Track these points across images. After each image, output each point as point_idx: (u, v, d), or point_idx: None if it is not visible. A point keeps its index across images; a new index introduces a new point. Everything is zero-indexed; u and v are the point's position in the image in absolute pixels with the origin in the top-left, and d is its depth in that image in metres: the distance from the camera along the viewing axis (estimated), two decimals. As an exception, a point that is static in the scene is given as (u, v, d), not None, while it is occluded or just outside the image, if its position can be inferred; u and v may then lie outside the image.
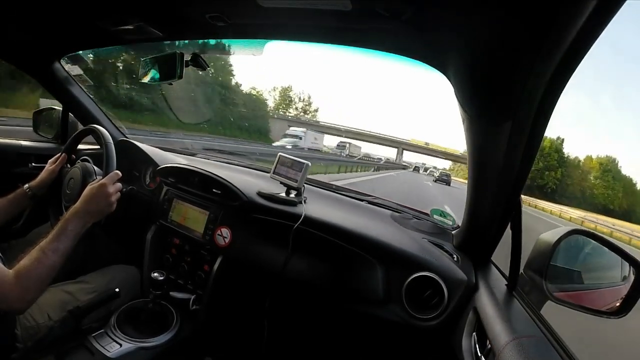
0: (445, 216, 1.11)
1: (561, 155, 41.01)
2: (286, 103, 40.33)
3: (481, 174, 0.71)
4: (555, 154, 39.79)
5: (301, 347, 1.18)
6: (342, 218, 1.02)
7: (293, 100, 40.67)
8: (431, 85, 25.66)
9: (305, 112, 41.10)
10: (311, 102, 42.00)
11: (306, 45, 0.84)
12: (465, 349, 0.69)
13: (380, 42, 0.72)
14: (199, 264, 1.08)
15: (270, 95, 39.59)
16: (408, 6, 0.55)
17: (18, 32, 0.99)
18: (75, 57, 1.21)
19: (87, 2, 0.80)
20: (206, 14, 0.74)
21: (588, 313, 0.67)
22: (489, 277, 0.82)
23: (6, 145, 1.30)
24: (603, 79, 66.35)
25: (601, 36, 0.38)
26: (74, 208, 0.80)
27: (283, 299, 1.06)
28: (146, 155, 1.27)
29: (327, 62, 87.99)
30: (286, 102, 40.28)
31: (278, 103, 39.67)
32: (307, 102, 41.61)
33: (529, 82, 0.46)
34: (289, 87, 41.03)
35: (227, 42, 0.94)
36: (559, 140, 41.48)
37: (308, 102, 41.57)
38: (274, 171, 1.12)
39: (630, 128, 70.77)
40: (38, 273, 0.69)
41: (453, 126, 5.03)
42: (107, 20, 0.85)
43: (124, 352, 0.83)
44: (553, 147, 39.74)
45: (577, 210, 23.38)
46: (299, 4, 0.63)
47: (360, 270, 0.92)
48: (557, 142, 40.96)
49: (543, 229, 0.76)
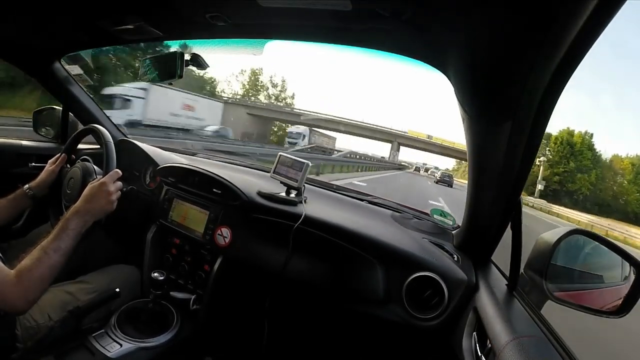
0: (445, 216, 1.11)
1: (595, 154, 31.74)
2: (256, 89, 35.43)
3: (481, 173, 0.71)
4: (589, 152, 31.07)
5: (301, 347, 1.18)
6: (342, 218, 1.02)
7: (264, 85, 35.68)
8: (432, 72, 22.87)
9: (278, 99, 35.94)
10: (286, 87, 36.43)
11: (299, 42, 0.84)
12: (466, 349, 0.69)
13: (380, 42, 0.72)
14: (199, 264, 1.08)
15: (237, 80, 35.26)
16: (408, 6, 0.55)
17: (18, 32, 0.99)
18: (75, 57, 1.21)
19: (87, 2, 0.80)
20: (206, 13, 0.74)
21: (588, 313, 0.67)
22: (489, 277, 0.82)
23: (6, 145, 1.30)
24: (603, 79, 66.23)
25: (601, 36, 0.38)
26: (75, 207, 0.80)
27: (283, 299, 1.06)
28: (146, 154, 1.27)
29: (315, 53, 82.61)
30: (256, 88, 35.36)
31: (247, 89, 35.04)
32: (282, 87, 36.08)
33: (529, 82, 0.46)
34: (259, 70, 35.48)
35: (227, 42, 0.94)
36: (588, 135, 31.88)
37: (282, 88, 36.11)
38: (274, 171, 1.12)
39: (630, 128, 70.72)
40: (39, 273, 0.69)
41: (458, 119, 4.59)
42: (107, 20, 0.85)
43: (124, 352, 0.82)
44: (585, 144, 31.09)
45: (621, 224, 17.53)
46: (299, 3, 0.63)
47: (361, 270, 0.92)
48: (587, 138, 31.60)
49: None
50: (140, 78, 1.01)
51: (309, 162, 1.09)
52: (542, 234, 0.74)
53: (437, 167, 34.74)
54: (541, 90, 0.46)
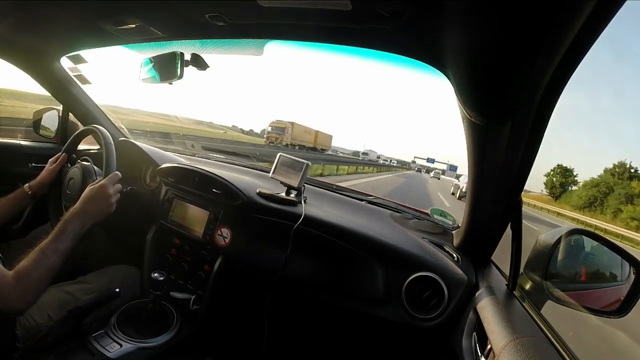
0: (445, 216, 1.11)
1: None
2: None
3: (481, 174, 0.71)
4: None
5: (301, 347, 1.18)
6: (342, 218, 1.02)
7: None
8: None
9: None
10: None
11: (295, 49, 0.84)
12: (466, 349, 0.69)
13: (380, 42, 0.72)
14: (199, 264, 1.08)
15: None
16: (408, 6, 0.55)
17: (18, 32, 0.99)
18: (75, 57, 1.21)
19: (88, 2, 0.80)
20: (206, 13, 0.74)
21: (588, 313, 0.68)
22: (489, 277, 0.82)
23: (6, 145, 1.30)
24: (603, 79, 65.99)
25: (601, 36, 0.38)
26: (74, 209, 0.80)
27: (283, 299, 1.06)
28: (146, 155, 1.27)
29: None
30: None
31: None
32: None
33: (529, 82, 0.46)
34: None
35: (227, 42, 0.94)
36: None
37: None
38: (274, 171, 1.12)
39: (630, 128, 70.03)
40: (38, 274, 0.69)
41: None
42: (107, 21, 0.85)
43: (124, 352, 0.82)
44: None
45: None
46: (298, 4, 0.63)
47: (360, 270, 0.92)
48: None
49: None
50: (140, 78, 1.01)
51: (309, 163, 1.09)
52: (542, 234, 0.74)
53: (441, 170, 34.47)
54: (541, 90, 0.46)
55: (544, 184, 35.71)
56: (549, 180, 35.15)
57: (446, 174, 37.99)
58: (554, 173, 35.16)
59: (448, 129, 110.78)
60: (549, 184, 35.19)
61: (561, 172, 35.08)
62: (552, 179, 34.73)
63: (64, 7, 0.84)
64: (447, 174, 40.79)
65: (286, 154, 1.13)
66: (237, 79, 70.28)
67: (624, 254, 0.69)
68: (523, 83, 0.46)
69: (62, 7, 0.84)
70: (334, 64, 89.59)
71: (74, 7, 0.83)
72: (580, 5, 0.34)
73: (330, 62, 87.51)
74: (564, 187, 34.09)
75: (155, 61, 0.97)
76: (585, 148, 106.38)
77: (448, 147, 52.35)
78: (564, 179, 34.42)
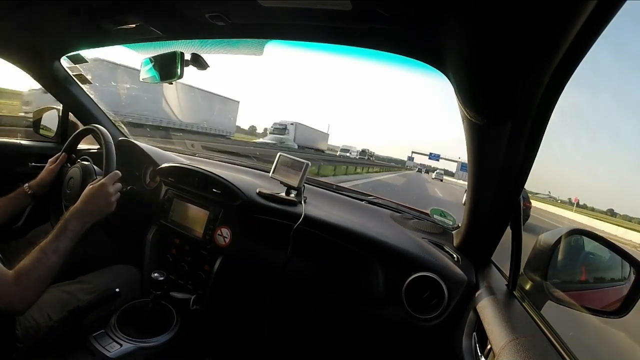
0: (445, 216, 1.11)
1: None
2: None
3: (481, 173, 0.71)
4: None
5: (301, 347, 1.18)
6: (342, 218, 1.02)
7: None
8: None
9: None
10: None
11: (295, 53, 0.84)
12: (466, 349, 0.69)
13: (380, 42, 0.71)
14: (199, 264, 1.08)
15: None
16: (408, 6, 0.55)
17: (18, 32, 0.99)
18: (75, 57, 1.21)
19: (88, 2, 0.80)
20: (206, 13, 0.74)
21: (588, 313, 0.68)
22: (489, 277, 0.82)
23: (6, 145, 1.30)
24: (603, 79, 66.02)
25: (601, 36, 0.38)
26: (74, 208, 0.80)
27: (283, 299, 1.06)
28: (146, 154, 1.27)
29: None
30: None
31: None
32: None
33: (529, 82, 0.46)
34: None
35: (227, 42, 0.94)
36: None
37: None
38: (274, 171, 1.12)
39: (631, 128, 70.23)
40: (38, 273, 0.69)
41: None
42: (107, 20, 0.85)
43: (124, 352, 0.82)
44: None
45: None
46: (299, 3, 0.63)
47: (360, 270, 0.92)
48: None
49: None
50: (140, 77, 1.01)
51: (309, 163, 1.09)
52: (542, 234, 0.74)
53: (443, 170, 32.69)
54: (541, 90, 0.46)
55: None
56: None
57: (456, 176, 35.53)
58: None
59: (452, 128, 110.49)
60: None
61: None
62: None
63: (64, 7, 0.84)
64: (457, 176, 37.91)
65: (286, 154, 1.13)
66: (236, 79, 70.09)
67: (624, 254, 0.69)
68: (523, 83, 0.46)
69: (62, 7, 0.84)
70: (334, 64, 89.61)
71: (74, 7, 0.83)
72: (580, 5, 0.34)
73: (331, 62, 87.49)
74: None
75: (155, 61, 0.97)
76: (585, 148, 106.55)
77: (457, 145, 50.24)
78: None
